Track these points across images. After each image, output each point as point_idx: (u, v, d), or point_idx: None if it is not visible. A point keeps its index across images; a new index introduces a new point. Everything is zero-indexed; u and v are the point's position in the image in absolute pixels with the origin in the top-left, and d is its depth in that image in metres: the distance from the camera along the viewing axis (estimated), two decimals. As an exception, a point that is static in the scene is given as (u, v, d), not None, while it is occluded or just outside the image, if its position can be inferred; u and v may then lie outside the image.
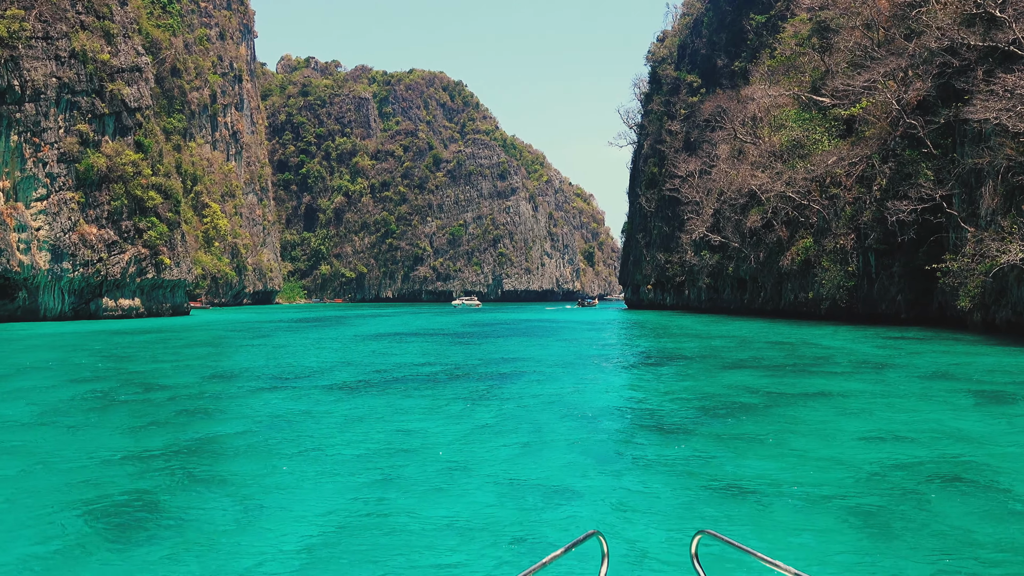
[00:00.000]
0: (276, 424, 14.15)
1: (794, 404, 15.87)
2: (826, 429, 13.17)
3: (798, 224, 64.54)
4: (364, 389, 19.02)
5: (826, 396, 17.06)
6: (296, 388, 19.42)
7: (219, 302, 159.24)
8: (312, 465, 10.92)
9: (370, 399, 17.26)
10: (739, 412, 14.94)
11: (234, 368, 24.55)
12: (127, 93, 79.36)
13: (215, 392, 18.75)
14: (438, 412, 15.28)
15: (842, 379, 20.27)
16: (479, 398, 17.20)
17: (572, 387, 18.96)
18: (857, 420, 14.04)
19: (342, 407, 16.16)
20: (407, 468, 10.69)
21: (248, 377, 21.97)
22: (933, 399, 16.66)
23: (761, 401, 16.33)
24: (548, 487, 9.67)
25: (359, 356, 28.88)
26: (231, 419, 14.79)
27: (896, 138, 52.80)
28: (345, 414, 15.19)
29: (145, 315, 79.84)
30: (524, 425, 13.75)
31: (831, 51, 65.65)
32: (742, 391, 17.91)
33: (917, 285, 50.61)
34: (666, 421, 14.12)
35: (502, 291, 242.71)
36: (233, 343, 37.71)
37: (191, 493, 9.51)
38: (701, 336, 40.55)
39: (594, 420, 14.36)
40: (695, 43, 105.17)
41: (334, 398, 17.55)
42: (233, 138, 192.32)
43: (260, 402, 17.08)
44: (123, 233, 76.49)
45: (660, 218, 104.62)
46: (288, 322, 67.78)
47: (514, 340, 38.63)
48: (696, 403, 16.19)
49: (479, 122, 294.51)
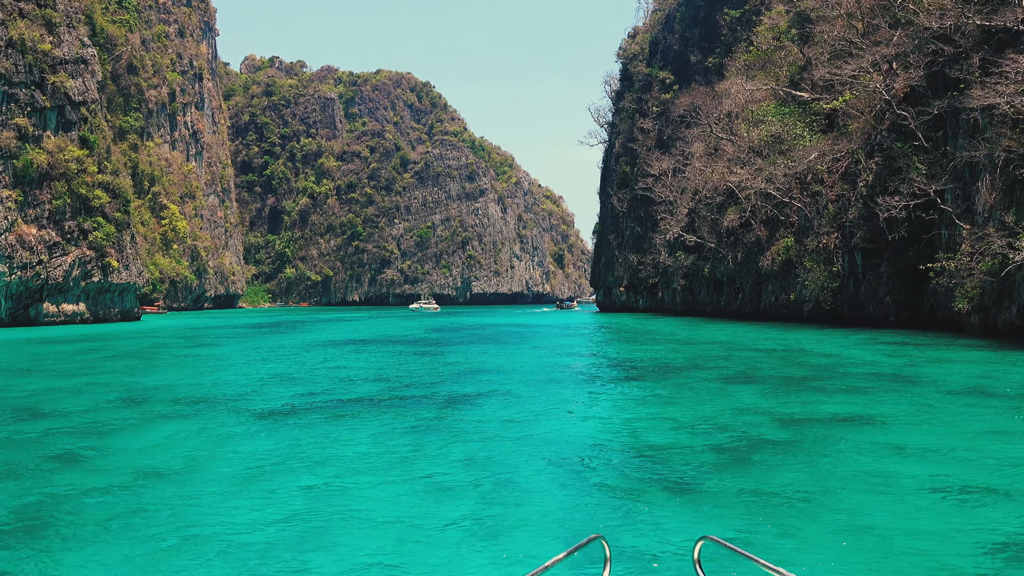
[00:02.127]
0: (147, 483, 10.51)
1: (828, 439, 12.53)
2: (888, 482, 9.81)
3: (778, 223, 61.82)
4: (289, 418, 15.41)
5: (860, 424, 13.79)
6: (204, 416, 15.76)
7: (178, 306, 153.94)
8: (164, 562, 7.34)
9: (291, 433, 13.67)
10: (760, 453, 11.58)
11: (147, 387, 20.79)
12: (71, 86, 74.68)
13: (102, 424, 15.04)
14: (376, 455, 11.74)
15: (866, 398, 17.05)
16: (431, 430, 13.69)
17: (545, 414, 15.46)
18: (921, 464, 10.71)
19: (251, 447, 12.56)
20: (317, 560, 7.20)
21: (155, 400, 18.25)
22: (992, 427, 13.46)
23: (784, 435, 12.99)
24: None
25: (301, 370, 25.19)
26: (95, 471, 11.12)
27: (882, 132, 50.17)
28: (250, 459, 11.59)
29: (91, 321, 75.11)
30: (486, 478, 10.26)
31: (811, 43, 63.08)
32: (754, 417, 14.59)
33: (907, 286, 47.94)
34: (669, 471, 10.64)
35: (471, 294, 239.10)
36: (167, 354, 33.79)
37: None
38: (683, 342, 37.33)
39: (577, 470, 10.87)
40: (668, 39, 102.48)
41: (245, 431, 13.94)
42: (193, 138, 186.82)
43: (149, 440, 13.43)
44: (66, 234, 71.75)
45: (632, 218, 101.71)
46: (242, 328, 63.67)
47: (479, 349, 35.10)
48: (702, 439, 12.80)
49: (447, 123, 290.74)
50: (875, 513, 8.41)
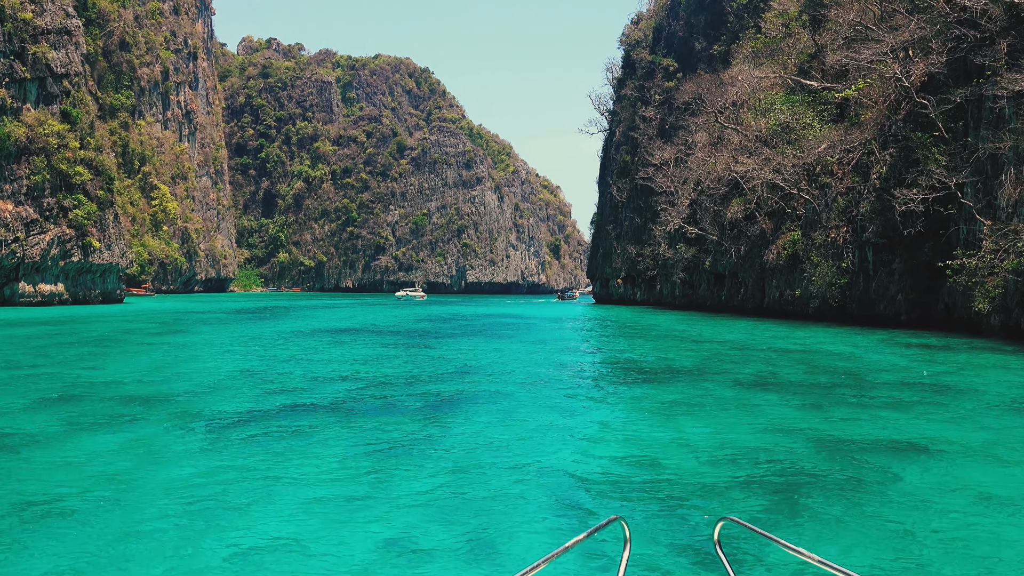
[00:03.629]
0: (30, 525, 8.16)
1: (885, 476, 10.19)
2: (990, 551, 7.48)
3: (784, 216, 59.49)
4: (239, 430, 13.04)
5: (917, 453, 11.47)
6: (142, 424, 13.39)
7: (167, 289, 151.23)
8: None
9: (236, 453, 11.31)
10: (805, 495, 9.25)
11: (91, 382, 18.40)
12: (53, 57, 71.84)
13: (11, 431, 12.66)
14: (333, 492, 9.38)
15: (909, 415, 14.75)
16: (405, 454, 11.34)
17: (542, 433, 13.06)
18: (1017, 519, 8.40)
19: (182, 473, 10.20)
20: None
21: (94, 399, 15.87)
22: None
23: (829, 469, 10.65)
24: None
25: (270, 365, 22.81)
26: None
27: (898, 122, 47.80)
28: (174, 495, 9.22)
29: (69, 302, 72.52)
30: (467, 535, 7.90)
31: (822, 29, 60.60)
32: (786, 440, 12.27)
33: (920, 283, 45.67)
34: (691, 532, 8.27)
35: (466, 282, 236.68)
36: (132, 341, 31.37)
37: None
38: (688, 339, 35.01)
39: (582, 514, 8.53)
40: (672, 25, 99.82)
41: (183, 449, 11.57)
42: (186, 118, 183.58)
43: (60, 457, 11.05)
44: (44, 211, 69.06)
45: (632, 209, 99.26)
46: (225, 313, 61.22)
47: (469, 343, 32.73)
48: (728, 471, 10.46)
49: (445, 110, 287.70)
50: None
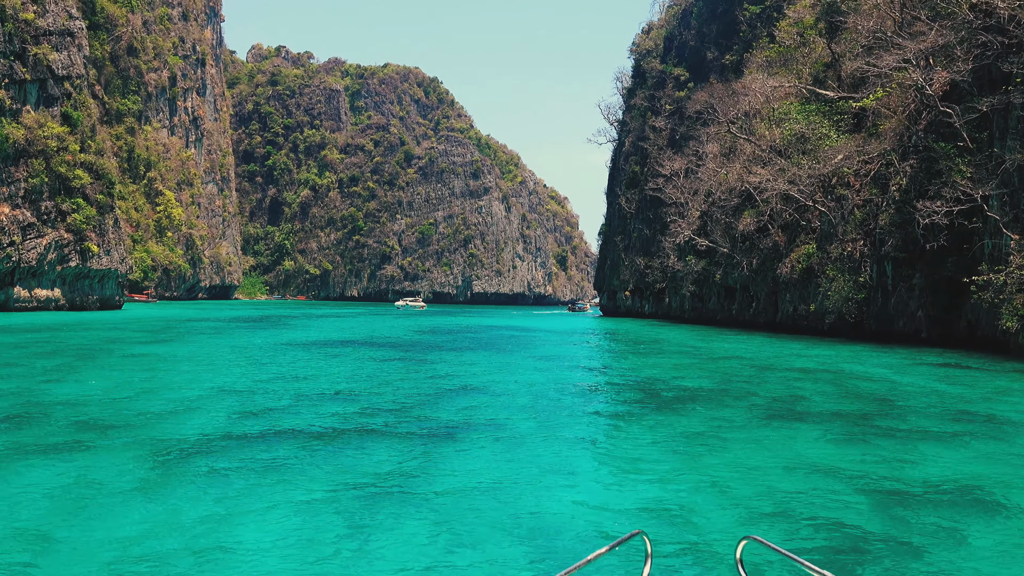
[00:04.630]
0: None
1: (953, 537, 8.46)
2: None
3: (798, 228, 57.74)
4: (199, 462, 11.35)
5: (980, 502, 9.74)
6: (91, 453, 11.72)
7: (170, 295, 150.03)
8: None
9: (189, 496, 9.59)
10: (861, 562, 7.53)
11: (49, 400, 16.74)
12: (54, 59, 70.68)
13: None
14: (297, 553, 7.68)
15: (963, 453, 12.99)
16: (387, 491, 9.62)
17: (548, 478, 11.22)
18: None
19: (121, 520, 8.51)
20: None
21: (45, 421, 14.22)
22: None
23: (884, 527, 8.91)
24: None
25: (251, 382, 21.13)
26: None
27: (918, 132, 46.05)
28: (107, 551, 7.53)
29: (66, 308, 71.08)
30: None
31: (839, 38, 59.02)
32: (829, 485, 10.54)
33: (942, 300, 43.83)
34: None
35: (472, 293, 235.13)
36: (114, 351, 29.75)
37: None
38: (701, 356, 33.23)
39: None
40: (683, 35, 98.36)
41: (129, 486, 9.87)
42: (193, 124, 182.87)
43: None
44: (42, 215, 67.72)
45: (641, 220, 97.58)
46: (223, 321, 59.65)
47: (471, 358, 31.03)
48: (768, 529, 8.73)
49: (454, 120, 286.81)
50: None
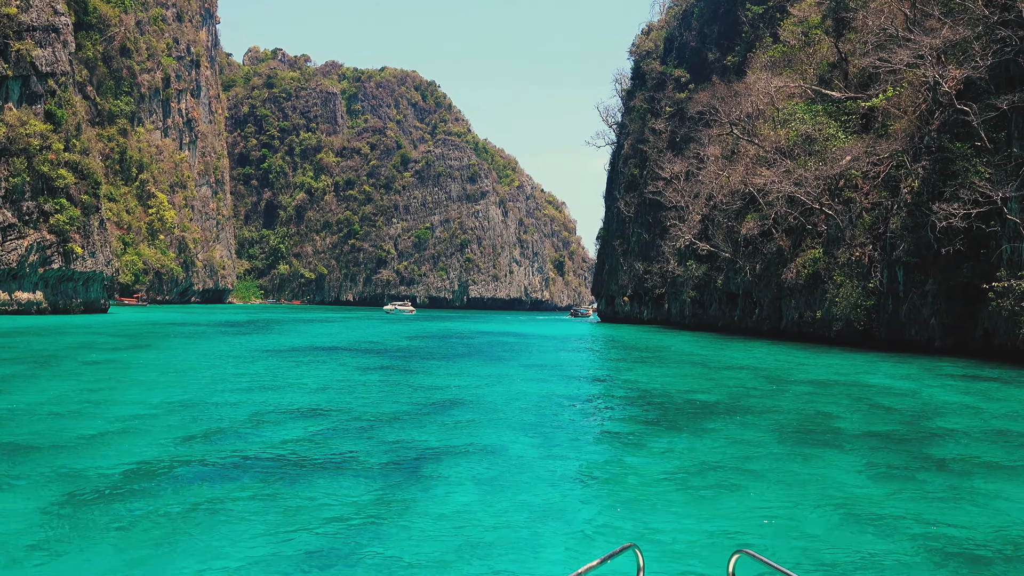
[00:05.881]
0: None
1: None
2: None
3: (803, 232, 55.82)
4: (127, 495, 9.34)
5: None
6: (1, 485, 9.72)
7: (162, 299, 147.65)
8: None
9: (92, 551, 7.61)
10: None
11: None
12: (38, 55, 68.66)
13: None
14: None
15: (1019, 483, 11.04)
16: (347, 541, 7.62)
17: (536, 517, 9.18)
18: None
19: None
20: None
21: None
22: None
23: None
24: None
25: (216, 394, 19.08)
26: None
27: (931, 132, 44.16)
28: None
29: (48, 311, 68.94)
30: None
31: (846, 37, 57.20)
32: (877, 529, 8.58)
33: (956, 307, 41.87)
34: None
35: (468, 298, 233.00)
36: (77, 358, 27.71)
37: None
38: (707, 366, 31.24)
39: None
40: (684, 36, 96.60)
41: (28, 534, 7.90)
42: (187, 126, 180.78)
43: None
44: (23, 215, 65.62)
45: (640, 224, 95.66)
46: (207, 326, 57.58)
47: (461, 367, 28.99)
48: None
49: (451, 124, 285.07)
50: None
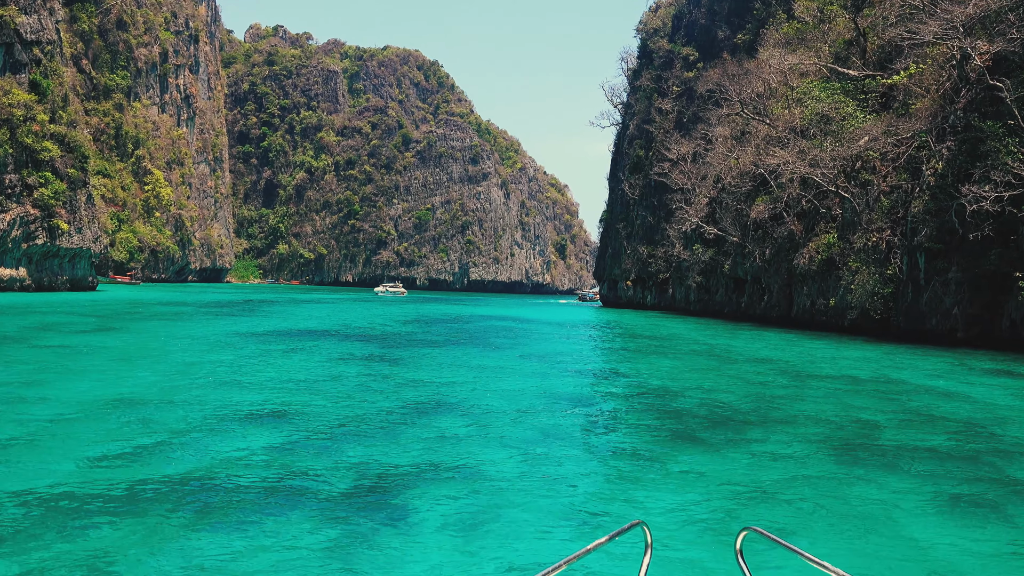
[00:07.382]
0: None
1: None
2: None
3: (816, 216, 53.40)
4: (41, 534, 7.10)
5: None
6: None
7: (158, 278, 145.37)
8: None
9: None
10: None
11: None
12: (22, 22, 66.02)
13: None
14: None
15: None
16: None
17: (539, 540, 7.01)
18: None
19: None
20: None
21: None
22: None
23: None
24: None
25: (165, 389, 16.70)
26: None
27: (957, 111, 41.63)
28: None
29: (32, 288, 66.67)
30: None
31: (863, 12, 54.54)
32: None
33: (982, 296, 39.51)
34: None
35: (469, 280, 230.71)
36: (33, 340, 25.45)
37: None
38: (720, 357, 28.94)
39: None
40: (693, 13, 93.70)
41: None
42: (185, 102, 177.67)
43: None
44: (6, 188, 63.21)
45: (644, 207, 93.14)
46: (195, 306, 55.31)
47: (455, 356, 26.70)
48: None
49: (454, 104, 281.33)
50: None
